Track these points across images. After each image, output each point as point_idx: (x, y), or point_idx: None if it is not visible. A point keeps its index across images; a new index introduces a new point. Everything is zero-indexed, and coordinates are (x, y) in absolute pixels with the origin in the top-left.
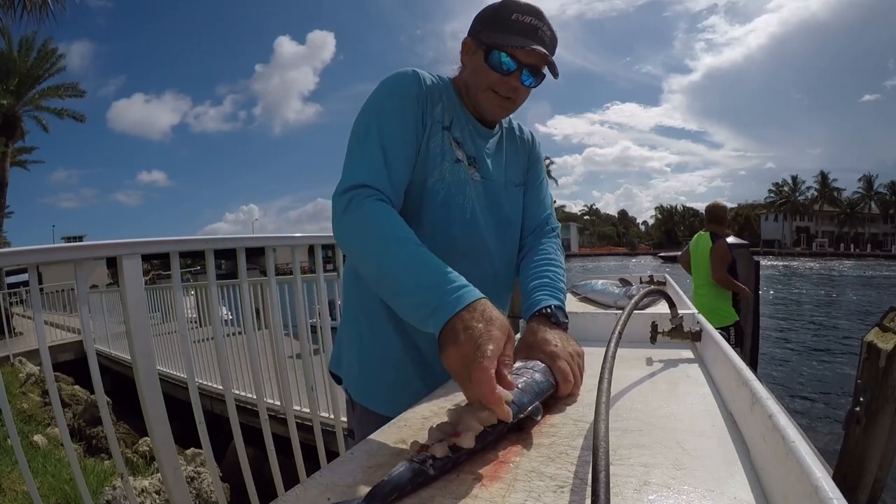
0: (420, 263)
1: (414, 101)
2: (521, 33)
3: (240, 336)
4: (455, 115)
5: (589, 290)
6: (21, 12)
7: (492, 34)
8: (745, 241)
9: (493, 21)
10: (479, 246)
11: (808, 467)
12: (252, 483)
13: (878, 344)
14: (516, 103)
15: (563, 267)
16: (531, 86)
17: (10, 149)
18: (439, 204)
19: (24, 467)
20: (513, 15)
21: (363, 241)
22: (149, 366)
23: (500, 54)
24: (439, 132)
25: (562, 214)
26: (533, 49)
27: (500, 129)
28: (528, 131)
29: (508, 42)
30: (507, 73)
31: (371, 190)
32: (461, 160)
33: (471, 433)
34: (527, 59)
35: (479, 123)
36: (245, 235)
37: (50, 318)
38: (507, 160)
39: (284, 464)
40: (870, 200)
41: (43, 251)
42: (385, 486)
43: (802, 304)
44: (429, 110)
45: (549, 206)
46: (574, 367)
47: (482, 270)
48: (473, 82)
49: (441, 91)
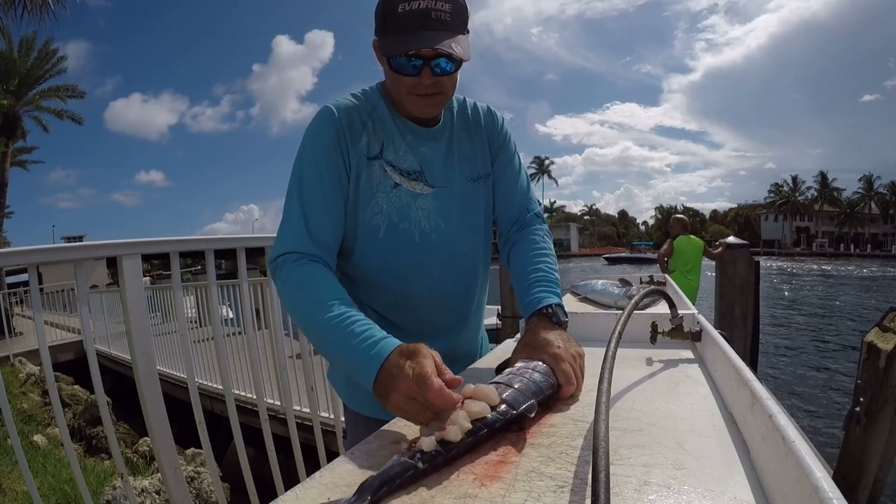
0: (334, 332)
1: (332, 147)
2: (413, 26)
3: (240, 336)
4: (386, 135)
5: (589, 290)
6: (21, 12)
7: (384, 40)
8: (745, 241)
9: (382, 23)
10: (438, 260)
11: (808, 467)
12: (252, 483)
13: (878, 344)
14: (446, 94)
15: (552, 253)
16: (451, 71)
17: (10, 149)
18: (381, 239)
19: (24, 467)
20: (399, 6)
21: (291, 309)
22: (149, 366)
23: (400, 59)
24: (366, 166)
25: (562, 214)
26: (427, 48)
27: (448, 122)
28: (486, 109)
29: (401, 46)
30: (417, 73)
31: (295, 255)
32: (400, 183)
33: (456, 427)
34: (430, 52)
35: (418, 126)
36: (245, 235)
37: (50, 318)
38: (461, 155)
39: (284, 464)
40: (870, 201)
41: (43, 251)
42: (374, 480)
43: (802, 304)
44: (351, 149)
45: (527, 188)
46: (576, 368)
47: (447, 280)
48: (394, 90)
49: (365, 116)
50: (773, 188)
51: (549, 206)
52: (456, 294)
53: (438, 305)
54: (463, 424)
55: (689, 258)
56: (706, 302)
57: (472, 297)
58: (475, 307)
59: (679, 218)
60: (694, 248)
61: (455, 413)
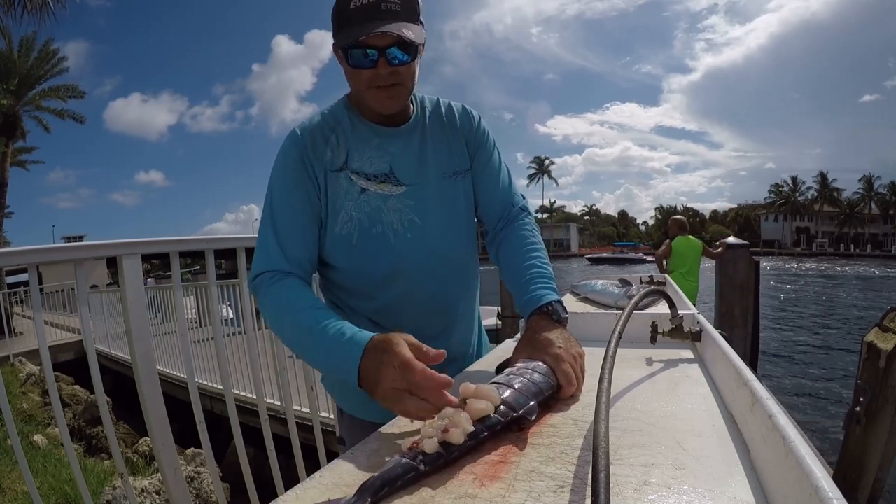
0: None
1: (298, 167)
2: (365, 17)
3: (240, 336)
4: (350, 143)
5: (589, 290)
6: (21, 12)
7: (339, 36)
8: (745, 241)
9: (337, 20)
10: (418, 260)
11: (808, 467)
12: (252, 483)
13: (878, 344)
14: (405, 86)
15: (543, 248)
16: (407, 61)
17: (10, 149)
18: (355, 246)
19: (24, 467)
20: (350, 3)
21: (273, 325)
22: (149, 366)
23: (355, 50)
24: (333, 179)
25: (562, 214)
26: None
27: (418, 119)
28: (462, 108)
29: (353, 35)
30: (373, 65)
31: (270, 274)
32: (366, 188)
33: (459, 430)
34: (382, 42)
35: (385, 128)
36: (245, 235)
37: (50, 318)
38: (434, 151)
39: (284, 464)
40: (870, 201)
41: (43, 251)
42: (375, 480)
43: (802, 304)
44: (317, 166)
45: (509, 183)
46: (577, 368)
47: (434, 280)
48: (355, 88)
49: (328, 132)
50: (773, 188)
51: (549, 206)
52: (442, 295)
53: (423, 307)
54: (465, 427)
55: (688, 259)
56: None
57: (459, 298)
58: (464, 308)
59: (677, 219)
60: (693, 249)
61: (457, 415)
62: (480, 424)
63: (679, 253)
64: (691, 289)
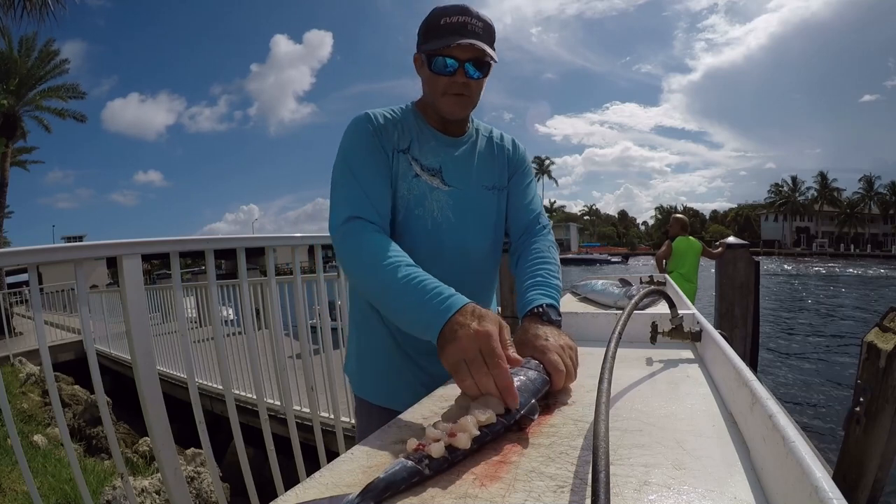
0: (409, 285)
1: (372, 136)
2: (452, 33)
3: (240, 336)
4: (413, 136)
5: (589, 290)
6: (21, 12)
7: (427, 44)
8: (745, 241)
9: (426, 31)
10: (447, 250)
11: (808, 467)
12: (252, 483)
13: (878, 344)
14: (472, 98)
15: (556, 262)
16: (479, 77)
17: (10, 149)
18: (400, 223)
19: (24, 467)
20: (441, 20)
21: (359, 271)
22: (149, 366)
23: (439, 58)
24: (399, 156)
25: (562, 214)
26: (464, 43)
27: (472, 136)
28: (511, 139)
29: (442, 45)
30: (453, 73)
31: (360, 221)
32: (419, 174)
33: (466, 434)
34: (464, 55)
35: (444, 135)
36: (245, 235)
37: (50, 318)
38: (479, 164)
39: (284, 464)
40: (870, 201)
41: (43, 251)
42: (380, 483)
43: (802, 304)
44: (386, 140)
45: (538, 207)
46: (566, 358)
47: (456, 271)
48: (430, 92)
49: (396, 120)
50: (772, 188)
51: (549, 206)
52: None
53: None
54: (472, 431)
55: (688, 260)
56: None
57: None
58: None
59: (679, 218)
60: (693, 249)
61: (464, 419)
62: (485, 428)
63: (679, 253)
64: (690, 291)
